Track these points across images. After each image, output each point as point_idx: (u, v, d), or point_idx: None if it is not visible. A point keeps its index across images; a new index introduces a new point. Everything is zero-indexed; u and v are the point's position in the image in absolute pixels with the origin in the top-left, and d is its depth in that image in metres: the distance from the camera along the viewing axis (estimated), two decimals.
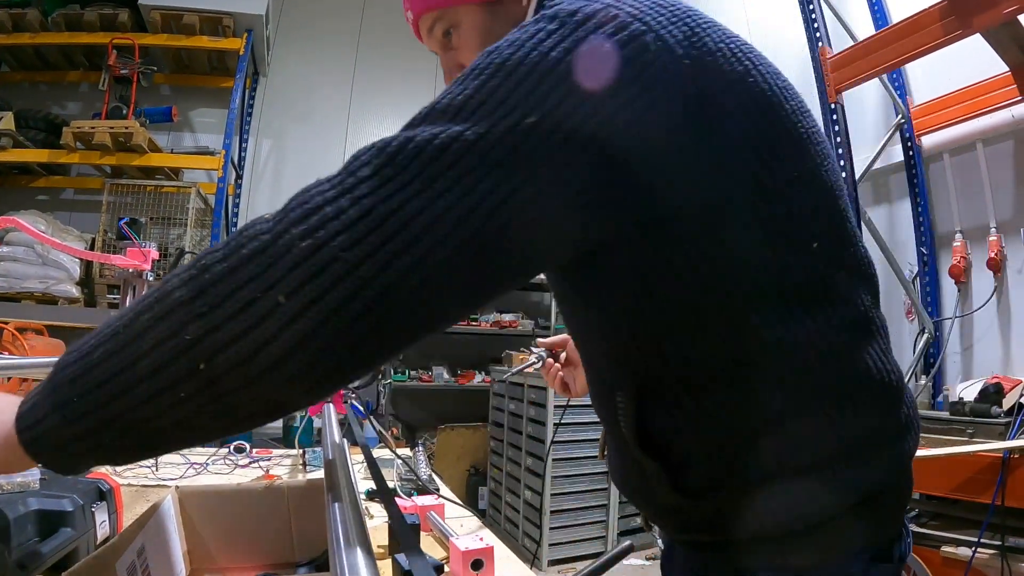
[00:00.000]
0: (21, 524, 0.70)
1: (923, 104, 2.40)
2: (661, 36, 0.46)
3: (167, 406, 0.39)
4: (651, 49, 0.45)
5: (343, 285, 0.37)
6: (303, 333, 0.37)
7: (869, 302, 0.56)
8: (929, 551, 1.66)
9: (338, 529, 0.47)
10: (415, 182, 0.40)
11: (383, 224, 0.38)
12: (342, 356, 0.39)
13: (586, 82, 0.43)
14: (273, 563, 1.09)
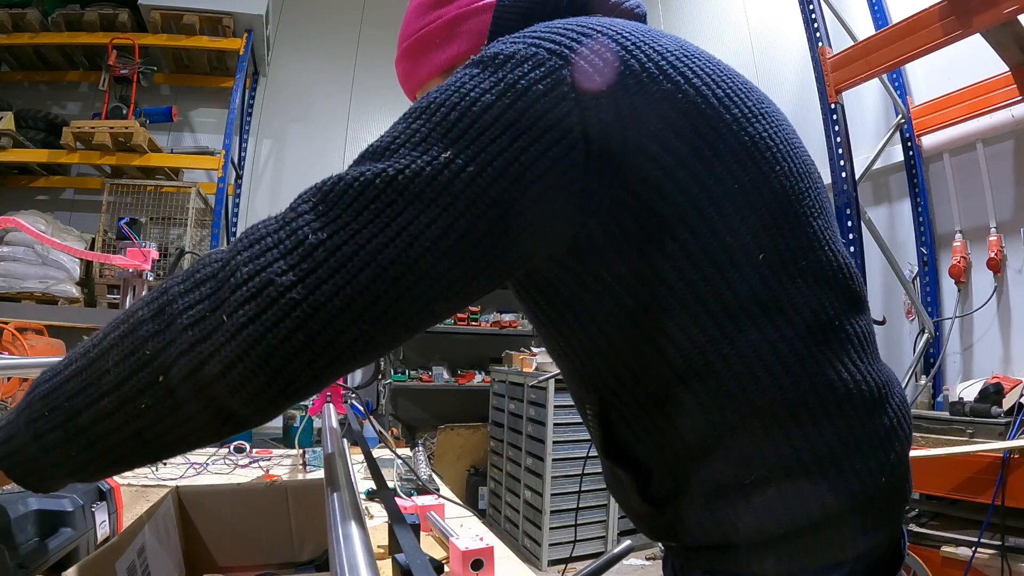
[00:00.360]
0: (21, 524, 0.70)
1: (923, 104, 2.40)
2: (580, 67, 0.47)
3: (129, 417, 0.43)
4: (567, 83, 0.46)
5: (276, 306, 0.41)
6: (242, 348, 0.41)
7: (837, 309, 0.54)
8: (929, 551, 1.66)
9: (338, 529, 0.47)
10: (343, 216, 0.44)
11: (312, 253, 0.42)
12: (277, 370, 0.42)
13: (499, 122, 0.45)
14: (273, 563, 1.09)
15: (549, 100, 0.46)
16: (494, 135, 0.45)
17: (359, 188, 0.44)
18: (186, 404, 0.42)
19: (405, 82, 0.75)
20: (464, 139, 0.45)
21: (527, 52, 0.48)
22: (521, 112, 0.46)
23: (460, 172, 0.44)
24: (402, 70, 0.74)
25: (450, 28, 0.69)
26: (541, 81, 0.46)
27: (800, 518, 0.51)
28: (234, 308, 0.41)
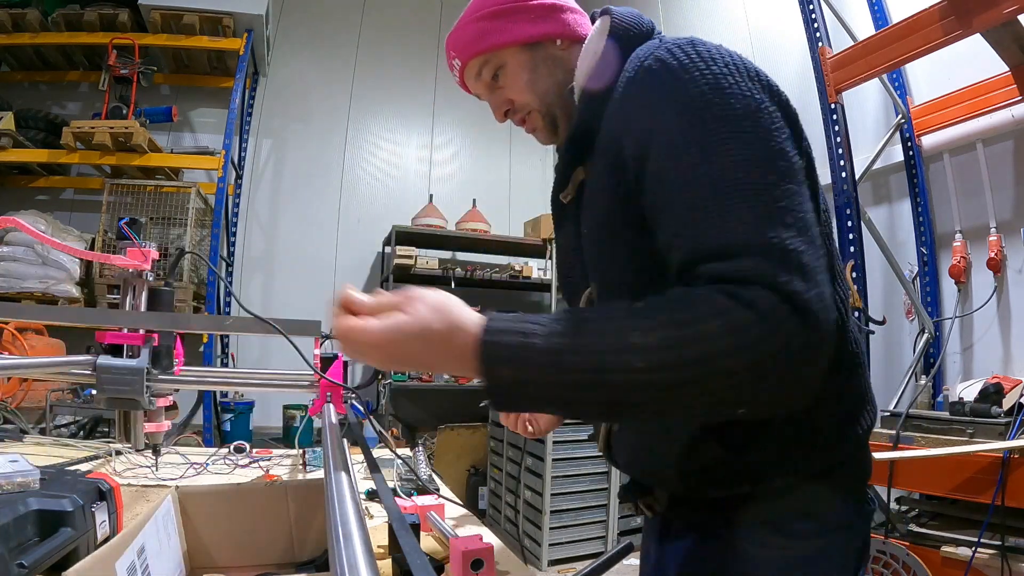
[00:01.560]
0: (21, 524, 0.70)
1: (923, 104, 2.40)
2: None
3: (663, 403, 0.54)
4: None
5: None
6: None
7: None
8: (929, 551, 1.66)
9: (338, 529, 0.47)
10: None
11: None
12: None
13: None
14: (273, 563, 1.09)
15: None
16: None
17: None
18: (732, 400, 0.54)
19: (476, 39, 0.79)
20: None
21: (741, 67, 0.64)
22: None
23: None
24: (478, 29, 0.79)
25: (548, 11, 0.79)
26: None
27: (842, 454, 0.69)
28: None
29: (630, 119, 0.66)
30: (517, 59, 0.79)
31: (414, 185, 5.09)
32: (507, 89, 0.81)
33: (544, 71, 0.79)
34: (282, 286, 4.62)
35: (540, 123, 0.82)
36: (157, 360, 1.10)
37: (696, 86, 0.61)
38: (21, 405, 2.21)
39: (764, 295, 0.51)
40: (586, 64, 0.76)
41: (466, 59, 0.81)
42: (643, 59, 0.67)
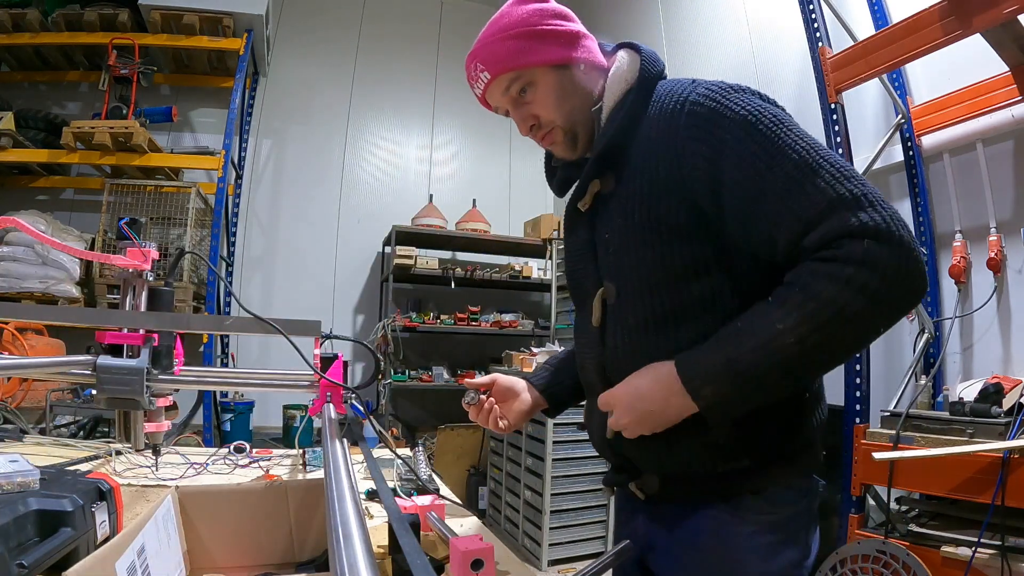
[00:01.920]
0: (21, 524, 0.70)
1: (923, 104, 2.40)
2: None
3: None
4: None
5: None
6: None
7: None
8: (929, 551, 1.66)
9: (338, 529, 0.47)
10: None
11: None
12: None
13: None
14: (273, 563, 1.09)
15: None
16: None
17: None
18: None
19: (509, 57, 0.86)
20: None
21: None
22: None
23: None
24: (511, 47, 0.86)
25: (573, 38, 0.88)
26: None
27: (812, 434, 0.84)
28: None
29: (692, 150, 0.77)
30: (547, 78, 0.87)
31: (414, 185, 5.09)
32: (534, 105, 0.89)
33: (570, 91, 0.88)
34: (282, 286, 4.62)
35: (561, 138, 0.90)
36: (157, 360, 1.10)
37: (742, 110, 0.75)
38: (21, 405, 2.21)
39: (850, 245, 0.66)
40: (618, 90, 0.86)
41: (497, 73, 0.88)
42: (685, 97, 0.80)
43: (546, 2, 0.88)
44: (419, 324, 4.29)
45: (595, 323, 0.88)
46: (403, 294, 4.59)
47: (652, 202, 0.80)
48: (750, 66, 3.32)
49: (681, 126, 0.78)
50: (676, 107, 0.79)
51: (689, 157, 0.77)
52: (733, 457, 0.80)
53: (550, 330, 4.26)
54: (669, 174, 0.78)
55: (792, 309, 0.67)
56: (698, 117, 0.77)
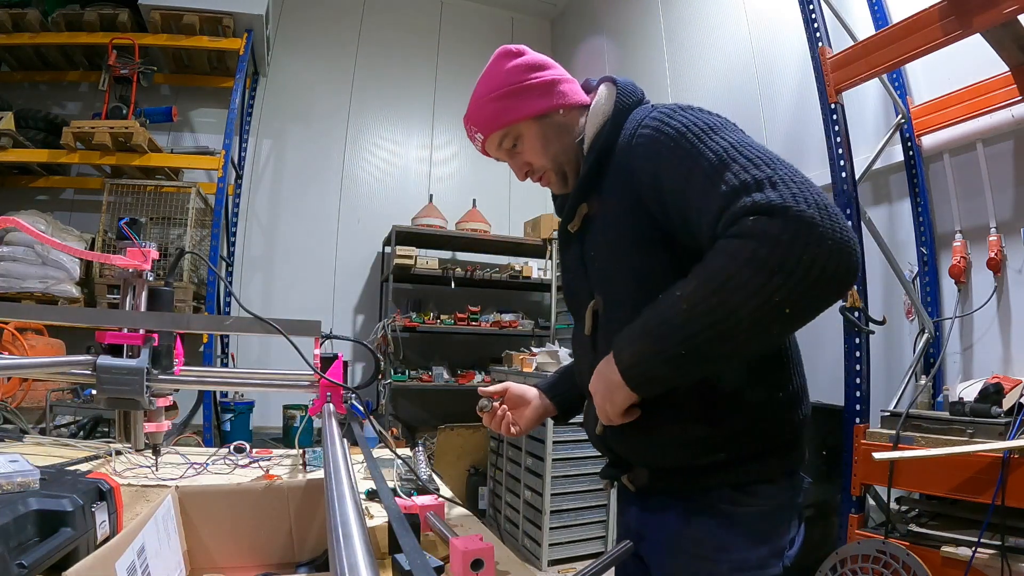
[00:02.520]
0: (21, 524, 0.70)
1: (923, 104, 2.40)
2: None
3: (751, 339, 0.72)
4: None
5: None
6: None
7: None
8: (929, 551, 1.66)
9: (338, 529, 0.47)
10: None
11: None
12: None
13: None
14: (273, 563, 1.09)
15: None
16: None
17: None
18: (798, 314, 0.70)
19: (495, 118, 0.97)
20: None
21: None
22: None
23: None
24: (495, 109, 0.97)
25: (549, 86, 0.97)
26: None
27: (791, 432, 0.90)
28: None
29: (640, 168, 0.86)
30: (531, 130, 0.97)
31: (414, 185, 5.09)
32: (525, 154, 1.00)
33: (553, 136, 0.98)
34: (282, 286, 4.62)
35: (553, 179, 1.01)
36: (157, 360, 1.10)
37: (678, 125, 0.82)
38: (21, 405, 2.21)
39: (742, 222, 0.69)
40: (596, 123, 0.95)
41: (488, 133, 0.99)
42: (641, 123, 0.87)
43: (523, 56, 0.98)
44: (419, 324, 4.29)
45: (587, 332, 0.97)
46: (403, 294, 4.59)
47: (622, 220, 0.89)
48: (750, 66, 3.32)
49: (633, 148, 0.87)
50: (632, 133, 0.88)
51: (639, 175, 0.86)
52: (710, 452, 0.86)
53: (550, 330, 4.26)
54: (631, 193, 0.87)
55: (690, 280, 0.74)
56: (644, 138, 0.86)
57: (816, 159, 2.79)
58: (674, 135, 0.81)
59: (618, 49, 4.67)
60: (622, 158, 0.89)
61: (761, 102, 3.23)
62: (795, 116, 2.99)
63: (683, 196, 0.79)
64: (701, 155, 0.78)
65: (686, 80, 3.87)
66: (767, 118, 3.19)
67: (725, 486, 0.86)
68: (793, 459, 0.91)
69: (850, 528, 1.95)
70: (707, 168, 0.76)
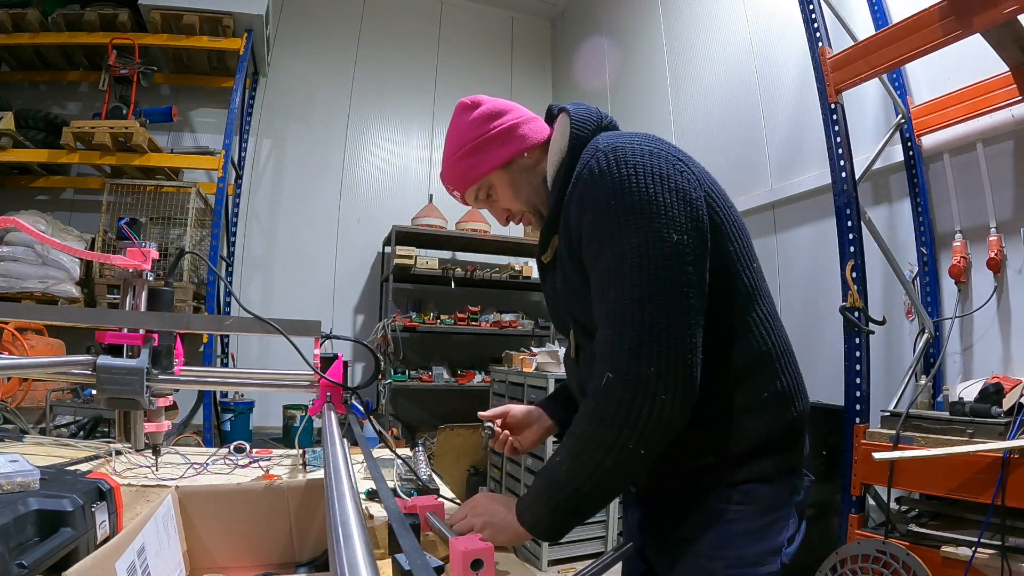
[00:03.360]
0: (21, 524, 0.70)
1: (923, 104, 2.40)
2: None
3: (625, 476, 0.84)
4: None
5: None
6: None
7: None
8: (929, 551, 1.66)
9: (338, 529, 0.47)
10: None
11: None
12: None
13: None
14: (273, 563, 1.09)
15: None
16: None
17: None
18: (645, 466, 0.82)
19: (465, 175, 1.01)
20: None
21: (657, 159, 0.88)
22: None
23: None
24: (464, 167, 1.00)
25: (508, 133, 0.99)
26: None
27: (778, 433, 0.90)
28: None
29: (572, 215, 0.90)
30: (500, 179, 1.01)
31: (414, 185, 5.09)
32: (501, 202, 1.04)
33: (521, 181, 1.02)
34: (282, 286, 4.62)
35: (532, 220, 1.06)
36: (157, 360, 1.10)
37: (606, 191, 0.84)
38: (21, 405, 2.21)
39: (601, 383, 0.81)
40: (555, 159, 0.98)
41: (463, 190, 1.04)
42: (582, 167, 0.89)
43: (480, 107, 1.01)
44: (419, 324, 4.29)
45: (572, 354, 1.04)
46: (403, 294, 4.59)
47: (573, 259, 0.92)
48: (750, 66, 3.32)
49: (572, 198, 0.90)
50: (574, 179, 0.91)
51: (574, 229, 0.90)
52: (698, 456, 0.89)
53: (550, 330, 4.26)
54: (575, 237, 0.90)
55: (564, 444, 0.86)
56: (578, 193, 0.89)
57: (816, 159, 2.79)
58: (598, 204, 0.84)
59: (618, 49, 4.67)
60: (571, 200, 0.91)
61: (761, 102, 3.23)
62: (795, 116, 2.99)
63: (591, 273, 0.87)
64: (612, 245, 0.82)
65: (686, 80, 3.87)
66: (767, 118, 3.19)
67: (721, 485, 0.88)
68: (790, 457, 0.91)
69: (850, 528, 1.96)
70: (604, 269, 0.83)
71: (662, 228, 0.80)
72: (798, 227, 3.01)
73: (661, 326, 0.78)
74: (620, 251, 0.81)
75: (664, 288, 0.79)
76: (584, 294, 0.90)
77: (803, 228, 2.98)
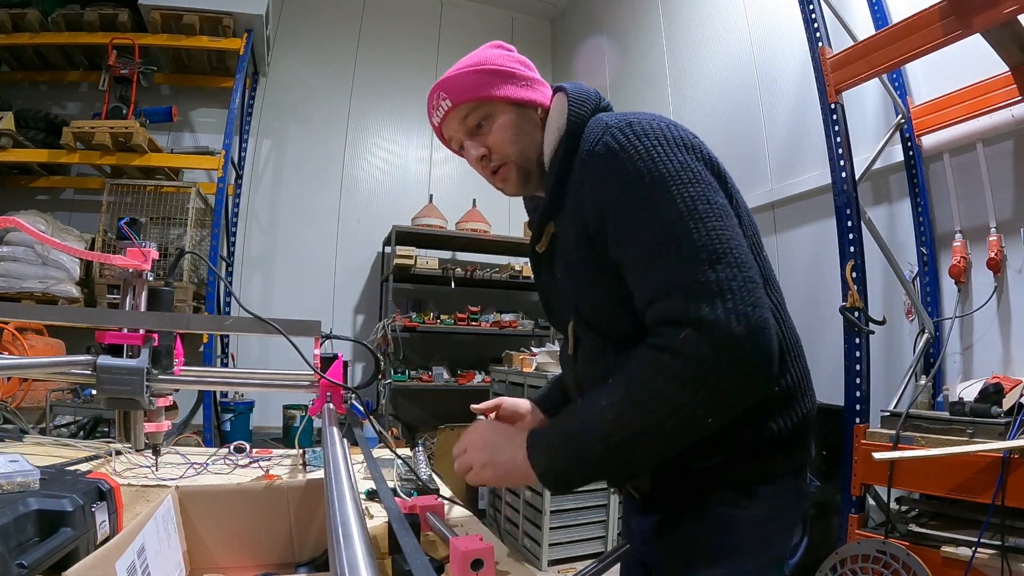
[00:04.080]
0: (21, 524, 0.70)
1: (923, 104, 2.40)
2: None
3: (674, 445, 0.74)
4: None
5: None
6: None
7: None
8: (929, 551, 1.66)
9: (338, 529, 0.47)
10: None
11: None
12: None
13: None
14: (273, 563, 1.09)
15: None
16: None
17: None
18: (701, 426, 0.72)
19: (472, 87, 0.90)
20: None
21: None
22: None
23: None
24: (477, 79, 0.90)
25: (534, 83, 0.94)
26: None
27: (784, 434, 0.83)
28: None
29: (588, 195, 0.81)
30: (506, 114, 0.91)
31: (414, 185, 5.09)
32: (490, 137, 0.92)
33: (526, 130, 0.93)
34: (282, 286, 4.62)
35: (513, 175, 0.94)
36: (157, 360, 1.10)
37: (633, 164, 0.77)
38: (21, 405, 2.21)
39: (671, 333, 0.69)
40: (552, 138, 0.90)
41: (458, 101, 0.91)
42: (593, 144, 0.82)
43: (514, 52, 0.95)
44: (419, 324, 4.29)
45: (569, 351, 0.97)
46: (403, 294, 4.59)
47: (580, 247, 0.85)
48: (750, 66, 3.32)
49: (585, 177, 0.82)
50: (585, 157, 0.83)
51: (588, 208, 0.82)
52: (704, 455, 0.82)
53: (550, 330, 4.26)
54: (582, 223, 0.83)
55: (615, 388, 0.73)
56: (594, 171, 0.81)
57: (816, 159, 2.79)
58: (625, 180, 0.77)
59: (618, 49, 4.67)
60: (576, 180, 0.85)
61: (761, 102, 3.23)
62: (795, 116, 2.99)
63: (624, 252, 0.78)
64: (649, 219, 0.75)
65: (686, 80, 3.87)
66: (767, 118, 3.19)
67: (723, 487, 0.83)
68: (796, 457, 0.86)
69: (850, 528, 1.95)
70: (651, 240, 0.74)
71: (705, 191, 0.75)
72: (798, 227, 3.01)
73: (738, 282, 0.69)
74: (666, 219, 0.73)
75: (730, 247, 0.71)
76: (592, 282, 0.85)
77: (803, 228, 2.98)
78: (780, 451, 0.84)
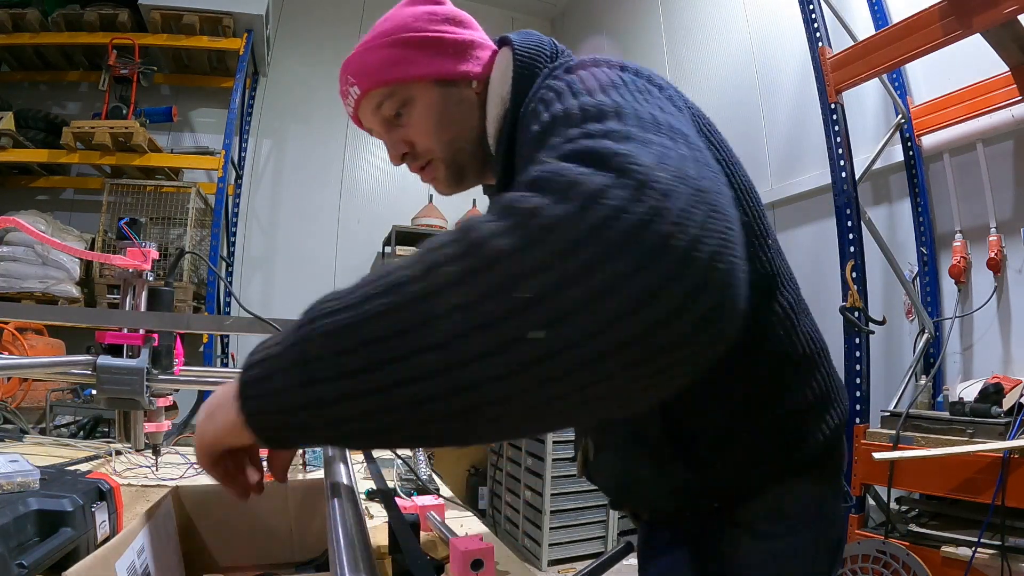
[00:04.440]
0: (21, 524, 0.70)
1: (923, 104, 2.40)
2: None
3: (474, 381, 0.31)
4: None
5: None
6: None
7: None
8: (929, 551, 1.66)
9: (338, 529, 0.47)
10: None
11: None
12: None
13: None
14: (273, 563, 1.09)
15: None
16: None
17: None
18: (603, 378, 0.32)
19: (381, 68, 0.70)
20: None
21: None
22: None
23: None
24: (385, 57, 0.70)
25: (465, 48, 0.71)
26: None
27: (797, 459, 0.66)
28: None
29: (524, 154, 0.58)
30: (427, 96, 0.71)
31: (414, 185, 5.08)
32: (410, 129, 0.72)
33: (456, 115, 0.72)
34: (282, 286, 4.62)
35: (443, 173, 0.75)
36: (157, 360, 1.10)
37: (570, 90, 0.52)
38: (21, 405, 2.21)
39: (561, 170, 0.35)
40: (495, 112, 0.70)
41: (368, 87, 0.71)
42: (534, 93, 0.60)
43: (441, 4, 0.73)
44: None
45: None
46: None
47: None
48: (750, 66, 3.32)
49: (524, 138, 0.58)
50: (524, 113, 0.62)
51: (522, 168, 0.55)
52: (700, 497, 0.68)
53: None
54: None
55: (436, 248, 0.35)
56: (527, 120, 0.59)
57: (816, 159, 2.79)
58: (559, 102, 0.51)
59: (618, 49, 4.67)
60: (521, 141, 0.61)
61: (761, 102, 3.23)
62: (795, 116, 2.99)
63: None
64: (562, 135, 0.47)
65: (686, 80, 3.87)
66: (767, 118, 3.19)
67: (725, 526, 0.67)
68: (822, 481, 0.69)
69: (850, 528, 1.96)
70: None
71: (668, 117, 0.45)
72: (798, 227, 3.01)
73: (679, 149, 0.39)
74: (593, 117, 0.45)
75: (682, 133, 0.43)
76: None
77: (803, 228, 2.98)
78: (804, 473, 0.67)
